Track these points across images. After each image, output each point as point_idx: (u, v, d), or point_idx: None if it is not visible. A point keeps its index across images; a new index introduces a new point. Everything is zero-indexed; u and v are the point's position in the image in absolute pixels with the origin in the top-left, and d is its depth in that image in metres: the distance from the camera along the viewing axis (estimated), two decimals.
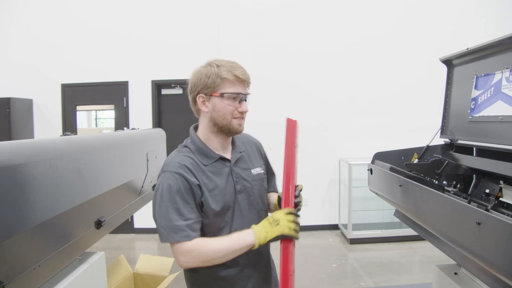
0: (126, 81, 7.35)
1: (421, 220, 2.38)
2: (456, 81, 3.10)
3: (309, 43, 7.22)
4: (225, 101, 1.83)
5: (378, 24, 7.26)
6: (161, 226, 1.73)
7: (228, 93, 1.83)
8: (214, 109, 1.84)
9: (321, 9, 7.30)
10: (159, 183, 1.78)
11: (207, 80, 1.82)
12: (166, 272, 3.88)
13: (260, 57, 7.22)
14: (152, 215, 1.77)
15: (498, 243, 1.57)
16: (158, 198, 1.74)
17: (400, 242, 6.44)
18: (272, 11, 7.29)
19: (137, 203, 3.43)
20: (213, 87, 1.82)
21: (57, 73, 7.34)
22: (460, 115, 2.98)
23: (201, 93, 1.85)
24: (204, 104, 1.86)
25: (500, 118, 2.50)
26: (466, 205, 1.76)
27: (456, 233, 1.89)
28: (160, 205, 1.74)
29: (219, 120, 1.85)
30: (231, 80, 1.84)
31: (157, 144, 3.75)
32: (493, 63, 2.66)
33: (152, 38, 7.29)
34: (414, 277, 5.37)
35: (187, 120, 7.35)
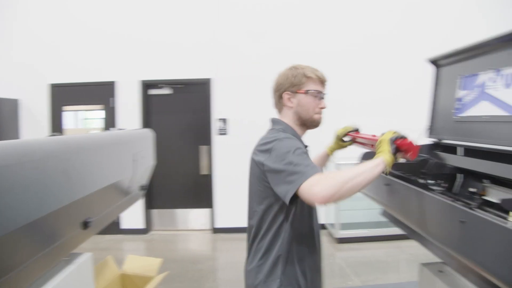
0: (114, 81, 7.34)
1: (407, 219, 2.40)
2: (443, 81, 3.13)
3: (305, 44, 7.31)
4: (309, 97, 2.14)
5: (376, 24, 7.36)
6: (298, 165, 1.80)
7: (312, 90, 2.14)
8: (299, 104, 2.15)
9: (316, 10, 7.36)
10: (281, 144, 1.92)
11: (293, 79, 2.14)
12: (154, 273, 3.89)
13: (253, 58, 7.25)
14: (277, 167, 1.86)
15: (481, 241, 1.60)
16: (286, 148, 1.88)
17: (387, 241, 6.48)
18: (266, 11, 7.34)
19: (124, 204, 3.42)
20: (298, 85, 2.14)
21: (45, 73, 7.33)
22: (446, 115, 3.01)
23: (287, 91, 2.16)
24: (289, 100, 2.16)
25: (485, 118, 2.53)
26: (451, 203, 1.78)
27: (441, 232, 1.91)
28: (292, 152, 1.85)
29: (303, 114, 2.15)
30: (314, 79, 2.15)
31: (144, 145, 3.75)
32: (478, 64, 2.69)
33: (141, 37, 7.33)
34: (401, 276, 5.41)
35: (176, 120, 7.41)
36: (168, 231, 7.73)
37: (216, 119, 7.42)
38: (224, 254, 6.72)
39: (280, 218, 2.02)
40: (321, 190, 1.69)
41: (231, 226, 7.45)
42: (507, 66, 2.38)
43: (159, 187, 7.65)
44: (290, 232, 2.02)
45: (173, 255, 6.44)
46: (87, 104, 7.66)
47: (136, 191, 3.69)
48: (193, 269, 5.82)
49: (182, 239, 7.43)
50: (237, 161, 7.33)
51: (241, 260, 6.04)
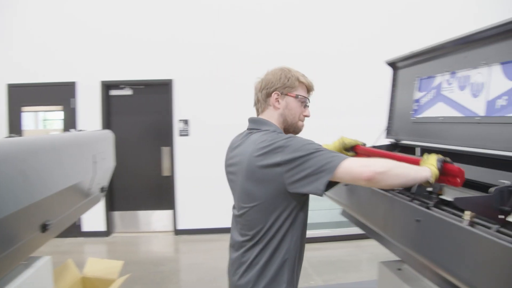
0: (74, 82, 7.22)
1: (366, 219, 2.45)
2: (401, 83, 3.20)
3: (269, 45, 7.39)
4: (297, 102, 2.10)
5: (355, 29, 7.44)
6: (327, 153, 1.77)
7: (301, 96, 2.10)
8: (287, 107, 2.09)
9: (277, 11, 7.39)
10: (295, 139, 1.85)
11: (286, 81, 2.07)
12: (115, 275, 3.86)
13: (216, 59, 7.27)
14: (307, 162, 1.77)
15: (435, 238, 1.64)
16: (303, 140, 1.83)
17: (348, 241, 6.56)
18: (228, 11, 7.37)
19: (84, 206, 3.38)
20: (290, 88, 2.08)
21: (2, 73, 7.14)
22: (403, 116, 3.08)
23: (277, 91, 2.08)
24: (277, 101, 2.09)
25: (441, 119, 2.60)
26: (407, 203, 1.82)
27: (398, 231, 1.95)
28: (311, 142, 1.83)
29: (289, 118, 2.10)
30: (305, 85, 2.13)
31: (104, 146, 3.71)
32: (434, 66, 2.75)
33: (102, 37, 7.23)
34: (362, 275, 5.47)
35: (137, 121, 7.34)
36: (130, 233, 7.65)
37: (178, 120, 7.39)
38: (186, 256, 6.70)
39: (287, 222, 1.93)
40: (372, 164, 1.70)
41: (193, 228, 7.45)
42: (461, 69, 2.45)
43: (120, 189, 7.57)
44: (297, 235, 1.97)
45: (135, 257, 6.39)
46: (47, 105, 7.53)
47: (97, 193, 3.66)
48: (155, 271, 5.78)
49: (144, 241, 7.37)
50: (199, 162, 7.34)
51: (203, 261, 6.05)
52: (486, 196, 1.65)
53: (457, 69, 2.50)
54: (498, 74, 2.14)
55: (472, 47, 2.37)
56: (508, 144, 2.00)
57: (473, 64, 2.34)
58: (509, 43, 2.08)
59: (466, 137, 2.36)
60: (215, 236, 7.29)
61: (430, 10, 7.44)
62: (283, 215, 1.91)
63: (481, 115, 2.25)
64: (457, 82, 2.49)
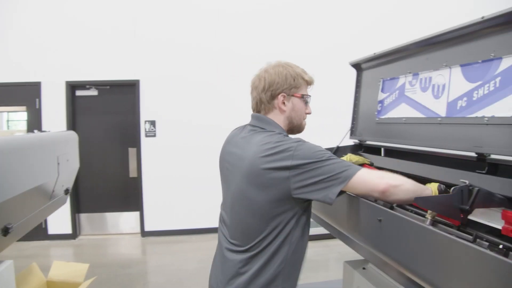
0: (38, 82, 7.10)
1: (330, 219, 2.47)
2: (365, 84, 3.23)
3: (235, 44, 7.38)
4: (302, 102, 2.01)
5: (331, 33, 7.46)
6: (342, 165, 1.73)
7: (306, 95, 2.02)
8: (293, 108, 1.99)
9: (253, 10, 7.40)
10: (306, 144, 1.78)
11: (292, 81, 1.96)
12: (81, 279, 3.80)
13: (182, 59, 7.25)
14: (320, 170, 1.72)
15: (396, 237, 1.67)
16: (314, 146, 1.78)
17: (316, 241, 6.60)
18: (194, 11, 7.35)
19: (48, 208, 3.33)
20: (296, 88, 1.98)
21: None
22: (368, 116, 3.11)
23: (284, 93, 1.96)
24: (283, 103, 1.97)
25: (404, 120, 2.64)
26: (369, 203, 1.85)
27: (362, 230, 1.98)
28: (323, 149, 1.78)
29: (296, 119, 2.01)
30: (308, 83, 2.04)
31: (68, 147, 3.66)
32: (397, 68, 2.79)
33: (66, 37, 7.09)
34: (330, 274, 5.52)
35: (104, 122, 7.27)
36: (97, 235, 7.57)
37: (144, 120, 7.34)
38: (154, 258, 6.66)
39: (287, 229, 1.84)
40: (387, 177, 1.70)
41: (161, 229, 7.41)
42: (423, 70, 2.49)
43: (87, 190, 7.49)
44: (296, 242, 1.88)
45: (102, 260, 6.32)
46: (10, 106, 7.40)
47: (61, 194, 3.60)
48: (122, 274, 5.73)
49: (111, 243, 7.30)
50: (166, 163, 7.30)
51: (170, 263, 6.02)
52: (446, 196, 1.68)
53: (419, 70, 2.54)
54: (458, 76, 2.19)
55: (433, 49, 2.42)
56: (468, 144, 2.04)
57: (435, 66, 2.38)
58: (469, 46, 2.13)
59: (428, 137, 2.40)
60: (183, 238, 7.27)
61: (404, 17, 7.52)
62: (283, 222, 1.82)
63: (442, 116, 2.29)
64: (420, 84, 2.54)
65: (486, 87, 1.98)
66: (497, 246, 1.62)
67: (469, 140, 2.05)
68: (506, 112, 1.84)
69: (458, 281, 1.37)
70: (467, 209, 1.64)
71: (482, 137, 1.97)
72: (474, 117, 2.03)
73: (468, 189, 1.66)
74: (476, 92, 2.05)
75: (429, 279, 1.49)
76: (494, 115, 1.90)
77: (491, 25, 1.94)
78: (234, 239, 1.95)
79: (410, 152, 2.60)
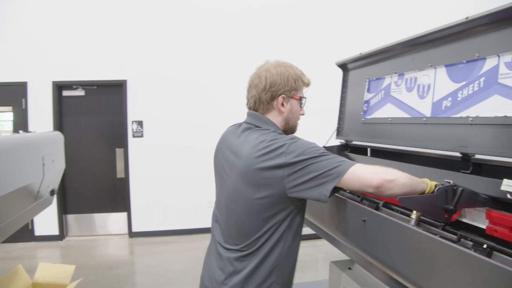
0: (25, 82, 7.03)
1: (315, 219, 2.47)
2: (351, 84, 3.24)
3: (221, 44, 7.34)
4: (298, 104, 2.01)
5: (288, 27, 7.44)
6: (335, 160, 1.71)
7: (304, 98, 2.02)
8: (291, 110, 1.99)
9: (238, 10, 7.39)
10: (299, 141, 1.79)
11: (293, 83, 1.96)
12: (67, 280, 3.78)
13: (169, 59, 7.23)
14: (314, 168, 1.71)
15: (380, 238, 1.67)
16: (308, 143, 1.78)
17: (304, 241, 6.56)
18: (187, 10, 7.33)
19: (33, 209, 3.30)
20: (296, 90, 1.98)
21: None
22: (354, 117, 3.12)
23: (284, 94, 1.96)
24: (282, 105, 1.97)
25: (389, 120, 2.65)
26: (354, 203, 1.85)
27: (347, 231, 1.98)
28: (316, 146, 1.78)
29: (292, 121, 2.02)
30: (306, 84, 2.04)
31: (54, 148, 3.63)
32: (383, 68, 2.80)
33: (53, 37, 7.04)
34: (318, 274, 5.52)
35: (91, 122, 7.21)
36: (85, 236, 7.52)
37: (131, 121, 7.31)
38: (141, 258, 6.63)
39: (281, 228, 1.85)
40: (382, 172, 1.67)
41: (148, 230, 7.38)
42: (409, 71, 2.50)
43: (74, 191, 7.44)
44: (290, 240, 1.89)
45: (89, 261, 6.28)
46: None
47: (47, 195, 3.57)
48: (109, 275, 5.70)
49: (98, 244, 7.26)
50: (153, 164, 7.28)
51: (158, 263, 6.00)
52: (430, 196, 1.68)
53: (404, 70, 2.55)
54: (443, 76, 2.20)
55: (419, 50, 2.42)
56: (453, 144, 2.05)
57: (420, 66, 2.39)
58: (453, 46, 2.14)
59: (413, 137, 2.41)
60: (170, 238, 7.25)
61: (402, 17, 7.51)
62: (278, 221, 1.83)
63: (427, 116, 2.29)
64: (405, 84, 2.54)
65: (470, 87, 1.99)
66: (481, 246, 1.63)
67: (454, 140, 2.05)
68: (490, 112, 1.85)
69: (441, 281, 1.37)
70: (451, 209, 1.64)
71: (466, 137, 1.98)
72: (459, 117, 2.03)
73: (453, 189, 1.66)
74: (460, 92, 2.05)
75: (413, 279, 1.49)
76: (478, 115, 1.91)
77: (475, 26, 1.95)
78: (229, 238, 1.95)
79: (396, 152, 2.61)
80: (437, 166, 2.15)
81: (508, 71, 1.78)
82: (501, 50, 1.82)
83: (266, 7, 7.45)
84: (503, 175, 1.60)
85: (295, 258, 1.98)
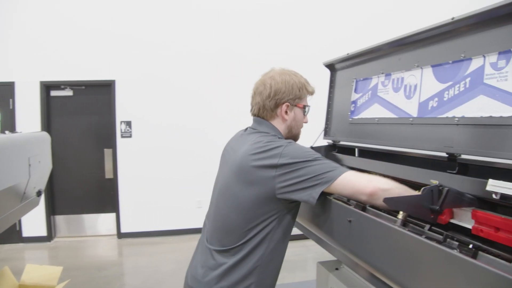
0: (12, 82, 6.99)
1: (302, 220, 2.46)
2: (338, 84, 3.24)
3: (209, 45, 7.31)
4: (302, 112, 2.05)
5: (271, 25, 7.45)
6: (328, 166, 1.75)
7: (308, 106, 2.07)
8: (295, 118, 2.03)
9: (224, 11, 7.38)
10: (294, 145, 1.84)
11: (297, 92, 1.99)
12: (54, 282, 3.75)
13: (157, 59, 7.23)
14: (304, 173, 1.74)
15: (366, 238, 1.67)
16: (303, 148, 1.83)
17: (294, 241, 6.57)
18: (175, 11, 7.32)
19: (19, 210, 3.29)
20: (300, 99, 2.02)
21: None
22: (341, 117, 3.12)
23: (288, 103, 1.99)
24: (286, 113, 2.01)
25: (376, 120, 2.64)
26: (340, 203, 1.84)
27: (333, 231, 1.97)
28: (311, 150, 1.82)
29: (295, 129, 2.06)
30: (310, 93, 2.08)
31: (40, 148, 3.61)
32: (370, 68, 2.80)
33: (40, 36, 7.00)
34: (307, 274, 5.53)
35: (79, 123, 7.18)
36: (73, 237, 7.49)
37: (120, 121, 7.28)
38: (130, 259, 6.61)
39: (267, 229, 1.86)
40: (376, 180, 1.70)
41: (137, 231, 7.36)
42: (396, 71, 2.50)
43: (62, 192, 7.40)
44: (275, 242, 1.89)
45: (77, 262, 6.25)
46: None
47: (33, 196, 3.56)
48: (98, 276, 5.67)
49: (87, 245, 7.23)
50: (142, 164, 7.26)
51: (146, 264, 5.99)
52: (416, 196, 1.68)
53: (391, 71, 2.54)
54: (430, 76, 2.20)
55: (405, 50, 2.42)
56: (439, 144, 2.05)
57: (407, 66, 2.39)
58: (439, 47, 2.14)
59: (400, 137, 2.41)
60: (159, 239, 7.24)
61: (399, 17, 7.52)
62: (263, 222, 1.85)
63: (414, 116, 2.30)
64: (392, 84, 2.54)
65: (456, 87, 1.99)
66: (467, 246, 1.63)
67: (440, 140, 2.06)
68: (475, 112, 1.85)
69: (426, 282, 1.37)
70: (437, 209, 1.64)
71: (452, 137, 1.98)
72: (445, 117, 2.04)
73: (438, 189, 1.66)
74: (446, 93, 2.06)
75: (399, 280, 1.49)
76: (464, 115, 1.92)
77: (461, 26, 1.95)
78: (214, 233, 1.99)
79: (384, 152, 2.61)
80: (423, 166, 2.15)
81: (493, 72, 1.78)
82: (486, 50, 1.82)
83: (259, 8, 7.46)
84: (488, 175, 1.60)
85: (279, 263, 1.99)
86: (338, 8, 7.70)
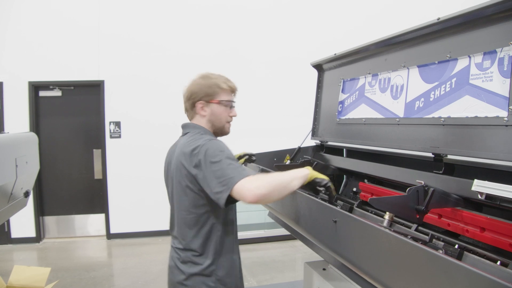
0: (0, 82, 6.92)
1: (288, 220, 2.46)
2: (326, 85, 3.24)
3: (198, 48, 7.28)
4: (221, 107, 2.20)
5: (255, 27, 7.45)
6: (231, 169, 1.89)
7: (224, 101, 2.21)
8: (212, 113, 2.20)
9: (214, 12, 7.36)
10: (210, 145, 1.99)
11: (207, 89, 2.18)
12: (42, 283, 3.72)
13: (146, 60, 7.20)
14: (212, 170, 1.91)
15: (351, 239, 1.66)
16: (219, 152, 1.95)
17: (282, 241, 6.61)
18: (164, 11, 7.29)
19: (6, 211, 3.26)
20: (212, 95, 2.18)
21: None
22: (329, 117, 3.12)
23: (201, 100, 2.18)
24: (202, 109, 2.20)
25: (363, 120, 2.65)
26: (325, 204, 1.84)
27: (319, 232, 1.97)
28: (223, 153, 1.95)
29: (216, 122, 2.22)
30: (227, 90, 2.22)
31: (27, 149, 3.58)
32: (357, 68, 2.81)
33: (29, 36, 6.94)
34: (296, 274, 5.52)
35: (68, 123, 7.11)
36: (62, 238, 7.43)
37: (109, 122, 7.24)
38: (119, 260, 6.56)
39: (210, 222, 2.10)
40: (258, 187, 1.78)
41: (126, 231, 7.32)
42: (382, 71, 2.51)
43: (51, 192, 7.34)
44: (221, 230, 2.12)
45: (66, 263, 6.20)
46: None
47: (20, 197, 3.53)
48: (86, 277, 5.64)
49: (76, 246, 7.17)
50: (131, 165, 7.21)
51: (135, 265, 5.96)
52: (402, 196, 1.69)
53: (378, 71, 2.55)
54: (416, 76, 2.20)
55: (392, 50, 2.43)
56: (425, 144, 2.05)
57: (393, 66, 2.40)
58: (425, 47, 2.14)
59: (387, 138, 2.41)
60: (148, 240, 7.20)
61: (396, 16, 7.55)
62: (205, 215, 2.08)
63: (400, 117, 2.30)
64: (379, 84, 2.55)
65: (442, 87, 2.00)
66: (453, 246, 1.63)
67: (426, 141, 2.06)
68: (461, 112, 1.86)
69: (411, 282, 1.37)
70: (422, 209, 1.64)
71: (438, 137, 1.98)
72: (431, 117, 2.04)
73: (424, 190, 1.67)
74: (433, 93, 2.06)
75: (383, 281, 1.49)
76: (450, 115, 1.92)
77: (446, 27, 1.96)
78: (172, 229, 2.27)
79: (371, 152, 2.61)
80: (410, 166, 2.16)
81: (479, 72, 1.79)
82: (472, 50, 1.83)
83: (250, 10, 7.45)
84: (475, 176, 1.61)
85: (234, 253, 2.22)
86: (327, 11, 7.70)
